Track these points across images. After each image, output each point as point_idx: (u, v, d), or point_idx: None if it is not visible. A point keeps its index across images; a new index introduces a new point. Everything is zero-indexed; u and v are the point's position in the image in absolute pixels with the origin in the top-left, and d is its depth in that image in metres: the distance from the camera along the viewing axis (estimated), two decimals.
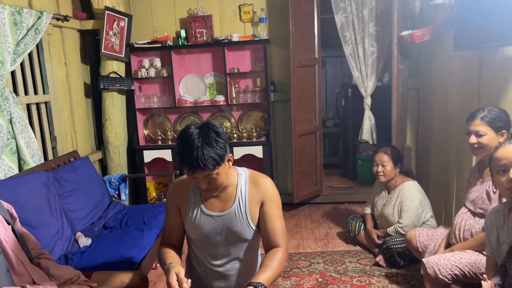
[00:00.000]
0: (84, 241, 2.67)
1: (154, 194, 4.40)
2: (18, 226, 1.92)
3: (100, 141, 4.13)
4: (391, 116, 3.64)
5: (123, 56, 3.93)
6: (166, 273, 1.51)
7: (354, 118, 4.75)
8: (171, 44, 4.10)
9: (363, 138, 4.16)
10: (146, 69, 4.16)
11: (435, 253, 2.40)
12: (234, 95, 4.15)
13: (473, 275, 2.06)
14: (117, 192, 3.62)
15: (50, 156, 3.32)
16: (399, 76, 3.67)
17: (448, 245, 2.35)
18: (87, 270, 2.12)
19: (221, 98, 4.10)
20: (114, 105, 3.97)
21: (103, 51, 3.75)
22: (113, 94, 3.94)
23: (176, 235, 1.76)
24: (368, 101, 4.08)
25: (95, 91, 4.03)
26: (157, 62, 4.17)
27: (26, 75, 3.10)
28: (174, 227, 1.75)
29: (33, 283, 1.75)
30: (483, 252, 2.00)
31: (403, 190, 3.04)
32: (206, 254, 1.74)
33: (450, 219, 3.10)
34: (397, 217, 3.04)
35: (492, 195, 2.10)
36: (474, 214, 2.22)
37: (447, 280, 2.08)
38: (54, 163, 3.10)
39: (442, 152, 3.37)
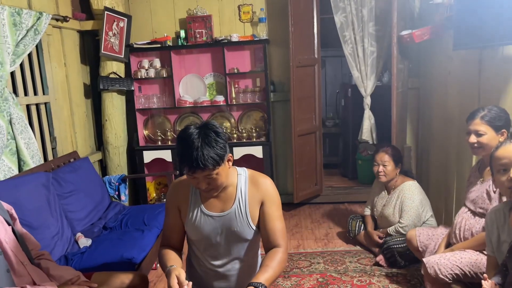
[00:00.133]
0: (84, 241, 2.67)
1: (154, 195, 4.39)
2: (18, 226, 1.92)
3: (100, 142, 4.13)
4: (391, 115, 3.64)
5: (122, 56, 3.93)
6: (167, 276, 1.50)
7: (354, 118, 4.75)
8: (171, 44, 4.11)
9: (363, 138, 4.16)
10: (146, 70, 4.16)
11: (435, 252, 2.39)
12: (234, 95, 4.15)
13: (474, 275, 2.06)
14: (117, 192, 3.62)
15: (50, 157, 3.31)
16: (399, 76, 3.67)
17: (449, 244, 2.35)
18: (87, 271, 2.12)
19: (220, 98, 4.10)
20: (114, 105, 3.96)
21: (102, 51, 3.75)
22: (112, 95, 3.94)
23: (176, 236, 1.75)
24: (368, 100, 4.08)
25: (94, 91, 4.02)
26: (157, 63, 4.17)
27: (25, 76, 3.10)
28: (174, 228, 1.74)
29: (33, 283, 1.75)
30: (484, 252, 2.00)
31: (404, 190, 3.03)
32: (206, 255, 1.74)
33: (450, 218, 3.10)
34: (398, 217, 3.04)
35: (492, 195, 2.10)
36: (474, 213, 2.22)
37: (447, 279, 2.08)
38: (54, 164, 3.09)
39: (442, 151, 3.37)
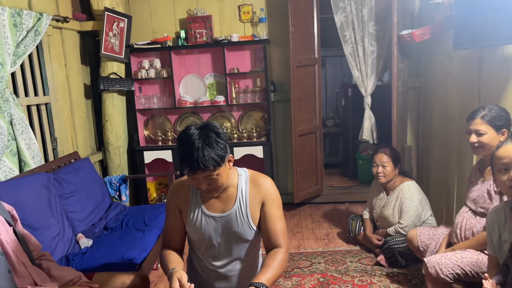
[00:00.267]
0: (85, 242, 2.67)
1: (155, 195, 4.40)
2: (20, 227, 1.92)
3: (101, 142, 4.13)
4: (391, 115, 3.64)
5: (123, 57, 3.93)
6: (169, 279, 1.50)
7: (354, 117, 4.75)
8: (171, 44, 4.11)
9: (363, 138, 4.16)
10: (146, 70, 4.16)
11: (436, 252, 2.39)
12: (234, 95, 4.15)
13: (475, 274, 2.06)
14: (117, 193, 3.62)
15: (51, 158, 3.32)
16: (399, 76, 3.66)
17: (449, 244, 2.35)
18: (88, 271, 2.12)
19: (221, 99, 4.10)
20: (114, 106, 3.97)
21: (103, 52, 3.75)
22: (113, 95, 3.94)
23: (177, 237, 1.74)
24: (368, 100, 4.08)
25: (95, 92, 4.03)
26: (157, 63, 4.17)
27: (26, 76, 3.10)
28: (175, 229, 1.74)
29: (34, 284, 1.75)
30: (485, 251, 2.00)
31: (403, 190, 3.03)
32: (207, 255, 1.74)
33: (451, 218, 3.10)
34: (397, 218, 3.04)
35: (493, 194, 2.09)
36: (475, 213, 2.22)
37: (448, 279, 2.08)
38: (55, 165, 3.10)
39: (442, 151, 3.37)
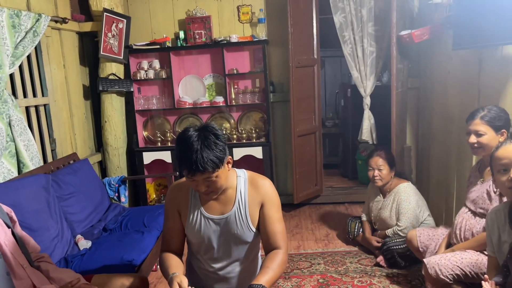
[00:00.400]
0: (84, 243, 2.66)
1: (154, 196, 4.39)
2: (18, 229, 1.91)
3: (100, 143, 4.13)
4: (391, 115, 3.64)
5: (121, 58, 3.93)
6: (169, 284, 1.50)
7: (353, 118, 4.74)
8: (170, 45, 4.10)
9: (362, 138, 4.15)
10: (145, 71, 4.15)
11: (436, 253, 2.39)
12: (233, 96, 4.14)
13: (475, 275, 2.06)
14: (116, 194, 3.61)
15: (50, 159, 3.31)
16: (399, 76, 3.66)
17: (449, 245, 2.34)
18: (87, 273, 2.11)
19: (220, 99, 4.09)
20: (113, 107, 3.96)
21: (101, 53, 3.74)
22: (112, 96, 3.94)
23: (177, 240, 1.73)
24: (367, 101, 4.07)
25: (94, 93, 4.02)
26: (156, 64, 4.17)
27: (24, 77, 3.09)
28: (175, 232, 1.73)
29: (33, 286, 1.74)
30: (484, 252, 2.00)
31: (399, 192, 3.03)
32: (206, 257, 1.73)
33: (450, 218, 3.10)
34: (395, 220, 3.04)
35: (492, 195, 2.09)
36: (474, 214, 2.21)
37: (448, 280, 2.08)
38: (54, 166, 3.09)
39: (442, 151, 3.37)
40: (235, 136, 4.17)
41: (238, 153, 4.03)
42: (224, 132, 4.18)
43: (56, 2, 3.49)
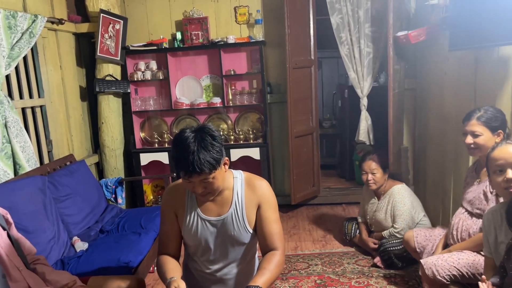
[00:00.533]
0: (81, 245, 2.65)
1: (151, 197, 4.38)
2: (14, 231, 1.91)
3: (97, 145, 4.11)
4: (388, 116, 3.64)
5: (118, 59, 3.92)
6: None
7: (350, 118, 4.75)
8: (167, 46, 4.09)
9: (360, 139, 4.16)
10: (142, 72, 4.14)
11: (433, 253, 2.39)
12: (231, 97, 4.14)
13: (471, 276, 2.06)
14: (113, 195, 3.60)
15: (46, 160, 3.30)
16: (395, 77, 3.67)
17: (446, 245, 2.35)
18: (83, 275, 2.11)
19: (217, 100, 4.09)
20: (110, 108, 3.95)
21: (98, 54, 3.74)
22: (109, 97, 3.93)
23: (174, 242, 1.72)
24: (364, 101, 4.08)
25: (90, 94, 4.01)
26: (153, 65, 4.16)
27: (21, 79, 3.08)
28: (172, 234, 1.72)
29: None
30: (481, 253, 2.00)
31: (393, 194, 3.04)
32: (203, 259, 1.73)
33: (447, 219, 3.10)
34: (390, 222, 3.04)
35: (489, 195, 2.10)
36: (471, 214, 2.21)
37: (445, 280, 2.08)
38: (50, 167, 3.08)
39: (439, 152, 3.37)
40: (232, 137, 4.17)
41: (236, 154, 4.02)
42: (221, 133, 4.19)
43: (53, 3, 3.48)
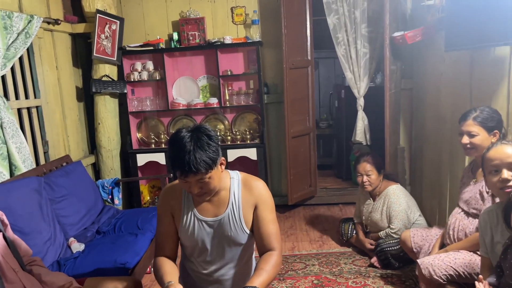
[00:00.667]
0: (77, 246, 2.64)
1: (148, 198, 4.37)
2: (10, 233, 1.90)
3: (93, 145, 4.10)
4: (384, 116, 3.65)
5: (115, 59, 3.91)
6: None
7: (347, 119, 4.75)
8: (164, 47, 4.09)
9: (356, 139, 4.17)
10: (139, 72, 4.14)
11: (429, 253, 2.40)
12: (227, 97, 4.14)
13: (468, 275, 2.06)
14: (110, 196, 3.59)
15: (42, 161, 3.29)
16: (392, 77, 3.68)
17: (443, 245, 2.35)
18: (80, 277, 2.10)
19: (214, 101, 4.09)
20: (107, 108, 3.94)
21: (95, 54, 3.72)
22: (105, 98, 3.92)
23: (171, 243, 1.71)
24: (361, 102, 4.09)
25: (87, 94, 4.00)
26: (150, 65, 4.16)
27: (16, 79, 3.07)
28: (168, 235, 1.71)
29: None
30: (478, 252, 2.01)
31: (389, 195, 3.04)
32: (200, 260, 1.72)
33: (444, 219, 3.11)
34: (386, 222, 3.05)
35: (485, 195, 2.10)
36: (467, 214, 2.22)
37: (441, 280, 2.08)
38: (46, 168, 3.06)
39: (435, 152, 3.38)
40: (229, 138, 4.16)
41: (233, 154, 4.02)
42: (218, 133, 4.18)
43: (49, 3, 3.47)
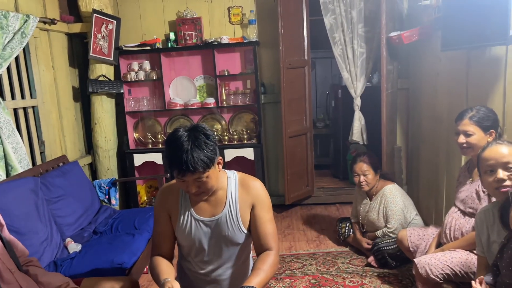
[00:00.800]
0: (74, 247, 2.63)
1: (145, 198, 4.36)
2: (6, 233, 1.89)
3: (90, 145, 4.09)
4: (381, 116, 3.65)
5: (111, 59, 3.90)
6: None
7: (344, 119, 4.76)
8: (160, 46, 4.08)
9: (353, 139, 4.17)
10: (136, 72, 4.13)
11: (426, 252, 2.41)
12: (225, 97, 4.14)
13: (464, 274, 2.07)
14: (107, 196, 3.58)
15: (38, 161, 3.27)
16: (388, 77, 3.69)
17: (439, 244, 2.36)
18: (76, 277, 2.10)
19: (211, 101, 4.08)
20: (103, 108, 3.93)
21: (91, 54, 3.71)
22: (102, 98, 3.90)
23: (167, 243, 1.71)
24: (358, 101, 4.09)
25: (83, 94, 3.99)
26: (147, 65, 4.15)
27: (13, 79, 3.05)
28: (165, 235, 1.70)
29: None
30: (474, 251, 2.01)
31: (385, 194, 3.05)
32: (197, 260, 1.72)
33: (440, 218, 3.12)
34: (383, 222, 3.06)
35: (481, 195, 2.11)
36: (464, 213, 2.23)
37: (438, 279, 2.09)
38: (43, 168, 3.05)
39: (431, 151, 3.39)
40: (226, 138, 4.16)
41: (230, 154, 4.02)
42: (215, 133, 4.18)
43: (45, 3, 3.45)
